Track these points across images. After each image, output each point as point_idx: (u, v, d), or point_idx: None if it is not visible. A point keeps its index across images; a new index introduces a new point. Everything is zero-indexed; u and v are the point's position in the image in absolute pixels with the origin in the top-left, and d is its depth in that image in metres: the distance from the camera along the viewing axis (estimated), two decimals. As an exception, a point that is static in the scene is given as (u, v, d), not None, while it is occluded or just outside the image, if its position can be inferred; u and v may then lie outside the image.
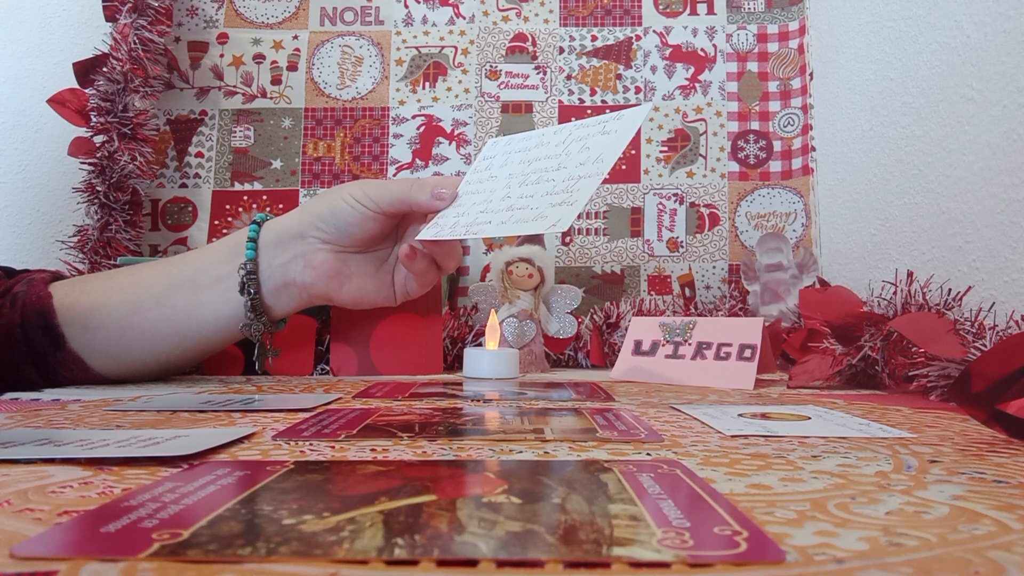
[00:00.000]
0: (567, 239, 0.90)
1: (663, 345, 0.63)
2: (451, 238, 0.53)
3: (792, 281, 0.80)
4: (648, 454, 0.28)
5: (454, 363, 0.73)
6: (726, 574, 0.15)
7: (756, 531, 0.17)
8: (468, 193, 0.57)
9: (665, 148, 0.91)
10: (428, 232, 0.55)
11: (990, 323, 0.49)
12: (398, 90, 0.93)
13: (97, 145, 0.81)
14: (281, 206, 0.90)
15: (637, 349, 0.65)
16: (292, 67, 0.93)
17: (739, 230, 0.89)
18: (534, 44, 0.94)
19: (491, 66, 0.93)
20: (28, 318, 0.52)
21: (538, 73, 0.93)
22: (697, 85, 0.92)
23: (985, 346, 0.46)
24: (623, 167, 0.91)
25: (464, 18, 0.95)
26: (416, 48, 0.94)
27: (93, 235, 0.80)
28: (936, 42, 0.65)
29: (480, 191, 0.56)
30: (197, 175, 0.91)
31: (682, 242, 0.89)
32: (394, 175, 0.92)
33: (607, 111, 0.92)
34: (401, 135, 0.92)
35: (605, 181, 0.91)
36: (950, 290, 0.54)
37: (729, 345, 0.58)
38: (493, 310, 0.68)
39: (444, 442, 0.29)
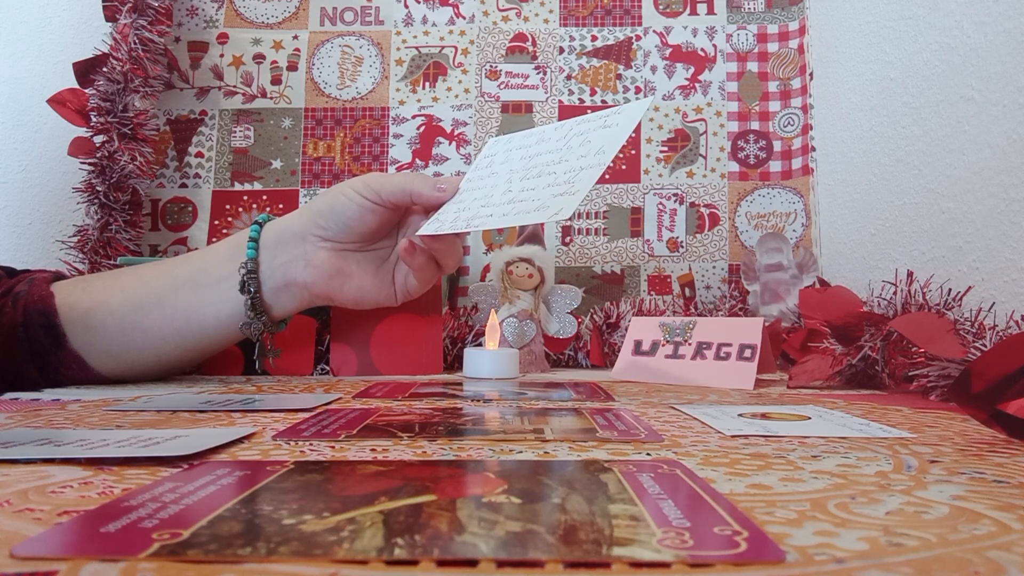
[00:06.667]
0: (567, 239, 0.90)
1: (663, 345, 0.63)
2: (452, 231, 0.53)
3: (792, 281, 0.80)
4: (648, 454, 0.28)
5: (454, 363, 0.73)
6: (726, 574, 0.15)
7: (756, 531, 0.17)
8: (469, 189, 0.57)
9: (665, 148, 0.91)
10: (429, 227, 0.55)
11: (990, 323, 0.49)
12: (398, 90, 0.93)
13: (97, 145, 0.81)
14: (281, 206, 0.90)
15: (637, 349, 0.65)
16: (292, 67, 0.93)
17: (739, 230, 0.89)
18: (534, 44, 0.94)
19: (491, 66, 0.93)
20: (30, 317, 0.53)
21: (538, 73, 0.93)
22: (697, 85, 0.92)
23: (985, 346, 0.46)
24: (623, 167, 0.91)
25: (464, 18, 0.95)
26: (416, 48, 0.94)
27: (93, 235, 0.80)
28: (936, 42, 0.65)
29: (481, 187, 0.56)
30: (197, 175, 0.91)
31: (682, 242, 0.89)
32: (394, 175, 0.92)
33: (607, 111, 0.92)
34: (401, 135, 0.92)
35: (605, 181, 0.91)
36: (950, 290, 0.54)
37: (729, 345, 0.58)
38: (493, 310, 0.68)
39: (444, 442, 0.29)
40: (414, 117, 0.93)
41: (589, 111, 0.92)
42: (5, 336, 0.52)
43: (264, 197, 0.91)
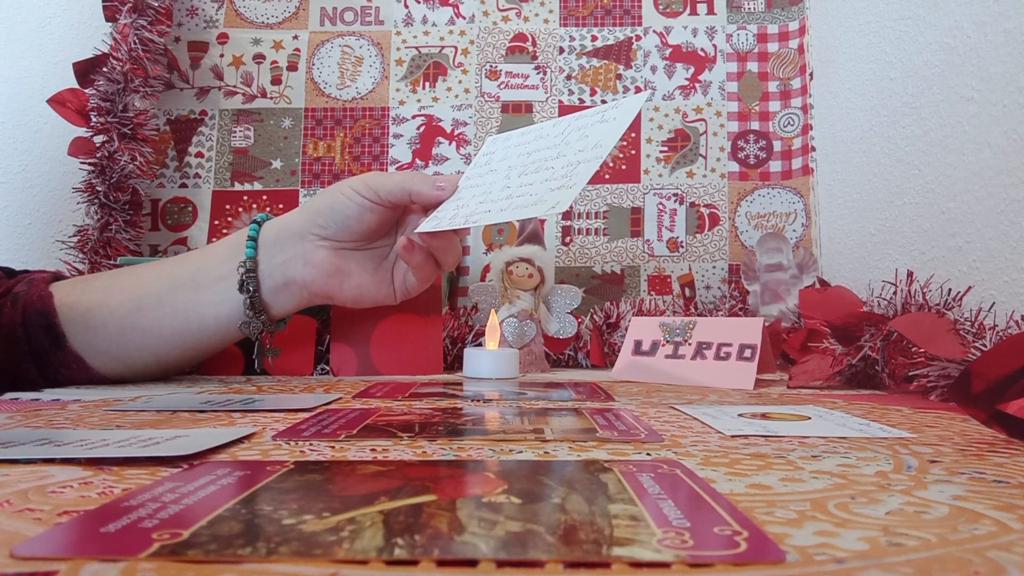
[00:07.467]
0: (567, 239, 0.90)
1: (663, 345, 0.63)
2: (451, 228, 0.53)
3: (792, 281, 0.80)
4: (648, 454, 0.28)
5: (454, 363, 0.73)
6: (726, 574, 0.15)
7: (756, 531, 0.17)
8: (468, 187, 0.57)
9: (665, 148, 0.91)
10: (428, 224, 0.55)
11: (990, 323, 0.49)
12: (398, 90, 0.93)
13: (97, 145, 0.81)
14: (281, 206, 0.90)
15: (637, 349, 0.65)
16: (292, 67, 0.93)
17: (739, 230, 0.89)
18: (534, 44, 0.94)
19: (491, 66, 0.93)
20: (29, 317, 0.53)
21: (538, 73, 0.93)
22: (697, 85, 0.92)
23: (985, 346, 0.46)
24: (623, 167, 0.91)
25: (464, 18, 0.95)
26: (416, 48, 0.94)
27: (93, 235, 0.80)
28: (936, 42, 0.65)
29: (480, 184, 0.56)
30: (197, 175, 0.91)
31: (682, 242, 0.89)
32: (394, 175, 0.92)
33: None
34: (401, 135, 0.92)
35: (605, 181, 0.91)
36: (950, 290, 0.54)
37: (729, 345, 0.58)
38: (493, 310, 0.68)
39: (444, 442, 0.29)
40: (414, 117, 0.93)
41: (589, 111, 0.92)
42: (5, 336, 0.52)
43: (264, 197, 0.91)
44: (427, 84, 0.93)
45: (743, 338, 0.58)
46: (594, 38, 0.94)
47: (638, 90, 0.92)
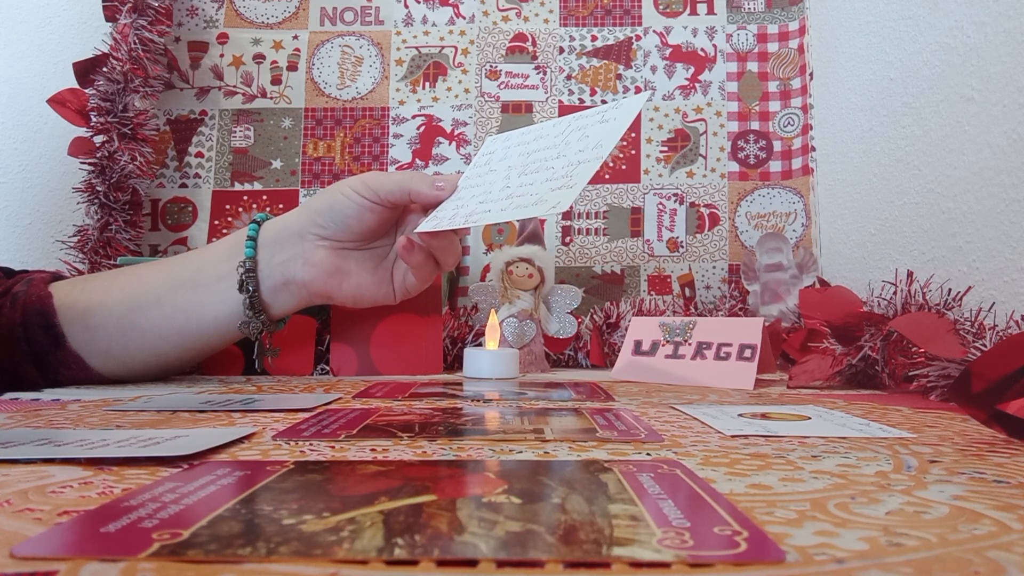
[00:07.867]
0: (567, 239, 0.90)
1: (663, 345, 0.63)
2: (450, 228, 0.53)
3: (792, 281, 0.80)
4: (648, 454, 0.28)
5: (454, 363, 0.73)
6: (726, 574, 0.15)
7: (756, 531, 0.17)
8: (468, 187, 0.57)
9: (665, 148, 0.91)
10: (427, 224, 0.55)
11: (990, 323, 0.49)
12: (398, 90, 0.93)
13: (97, 145, 0.81)
14: (281, 206, 0.90)
15: (637, 349, 0.65)
16: (292, 67, 0.93)
17: (739, 230, 0.89)
18: (534, 44, 0.94)
19: (491, 66, 0.93)
20: (28, 317, 0.53)
21: (538, 73, 0.93)
22: (697, 85, 0.92)
23: (985, 346, 0.46)
24: (623, 167, 0.91)
25: (464, 18, 0.95)
26: (416, 48, 0.94)
27: (93, 235, 0.80)
28: (936, 42, 0.65)
29: (480, 184, 0.56)
30: (197, 175, 0.91)
31: (682, 242, 0.89)
32: (394, 175, 0.92)
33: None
34: (401, 135, 0.92)
35: (605, 181, 0.91)
36: (950, 290, 0.54)
37: (729, 345, 0.58)
38: (493, 310, 0.68)
39: (444, 442, 0.29)
40: (414, 117, 0.93)
41: (589, 111, 0.92)
42: (4, 336, 0.52)
43: (264, 197, 0.91)
44: (427, 84, 0.93)
45: (743, 338, 0.58)
46: (594, 38, 0.94)
47: (638, 90, 0.92)
